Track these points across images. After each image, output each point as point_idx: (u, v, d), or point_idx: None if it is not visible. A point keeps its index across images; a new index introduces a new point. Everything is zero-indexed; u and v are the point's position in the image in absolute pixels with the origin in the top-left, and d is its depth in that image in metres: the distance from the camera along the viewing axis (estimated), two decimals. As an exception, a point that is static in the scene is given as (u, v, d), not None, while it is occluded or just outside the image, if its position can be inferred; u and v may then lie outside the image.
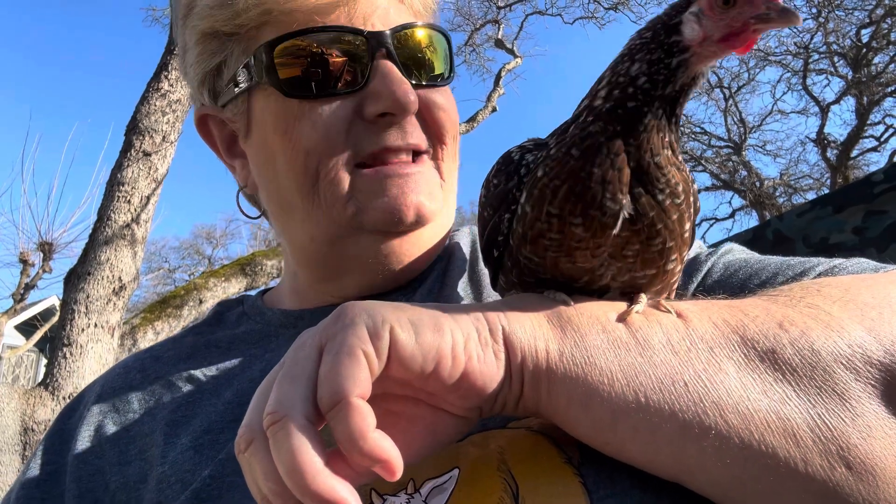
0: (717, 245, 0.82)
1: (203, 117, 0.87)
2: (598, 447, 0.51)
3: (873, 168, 19.60)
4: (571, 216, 0.50)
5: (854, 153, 19.22)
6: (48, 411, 4.72)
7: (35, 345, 12.91)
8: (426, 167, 0.77)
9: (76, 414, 0.81)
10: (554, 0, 14.32)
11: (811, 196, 20.97)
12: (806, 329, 0.50)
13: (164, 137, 5.87)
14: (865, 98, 18.51)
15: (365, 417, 0.41)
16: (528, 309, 0.52)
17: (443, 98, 0.78)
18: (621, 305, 0.54)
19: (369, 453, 0.41)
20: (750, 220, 21.72)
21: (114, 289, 5.37)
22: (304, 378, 0.44)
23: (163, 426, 0.73)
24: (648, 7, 12.50)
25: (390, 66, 0.72)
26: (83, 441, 0.76)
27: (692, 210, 0.56)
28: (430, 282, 0.81)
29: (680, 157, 0.53)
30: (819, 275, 0.65)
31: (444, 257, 0.86)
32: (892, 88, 18.35)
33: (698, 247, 0.81)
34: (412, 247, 0.78)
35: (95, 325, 5.08)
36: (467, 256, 0.86)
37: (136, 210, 5.64)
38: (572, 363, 0.49)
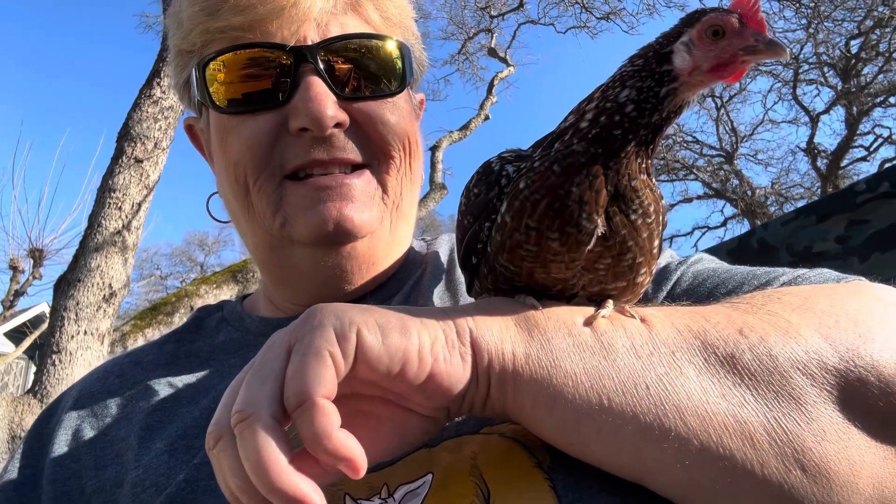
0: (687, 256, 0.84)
1: (189, 126, 0.91)
2: (563, 448, 0.52)
3: (863, 177, 19.75)
4: (549, 231, 0.52)
5: (844, 163, 19.37)
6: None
7: (24, 352, 12.82)
8: (362, 180, 0.76)
9: (54, 418, 0.82)
10: (546, 9, 14.41)
11: (801, 204, 21.10)
12: (765, 335, 0.51)
13: (155, 144, 5.86)
14: (855, 108, 18.68)
15: (329, 417, 0.42)
16: (496, 312, 0.53)
17: (388, 111, 0.78)
18: (589, 310, 0.55)
19: (333, 452, 0.42)
20: (742, 229, 21.83)
21: (104, 296, 5.35)
22: (272, 378, 0.45)
23: (137, 430, 0.74)
24: (640, 17, 12.60)
25: (312, 81, 0.73)
26: (60, 445, 0.77)
27: (661, 228, 0.57)
28: (407, 289, 0.82)
29: (653, 178, 0.55)
30: (783, 284, 0.66)
31: (421, 266, 0.87)
32: (882, 99, 18.52)
33: (669, 256, 0.82)
34: (350, 260, 0.78)
35: (85, 333, 5.05)
36: (445, 265, 0.87)
37: (127, 217, 5.62)
38: (538, 366, 0.50)
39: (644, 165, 0.53)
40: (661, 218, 0.56)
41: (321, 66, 0.74)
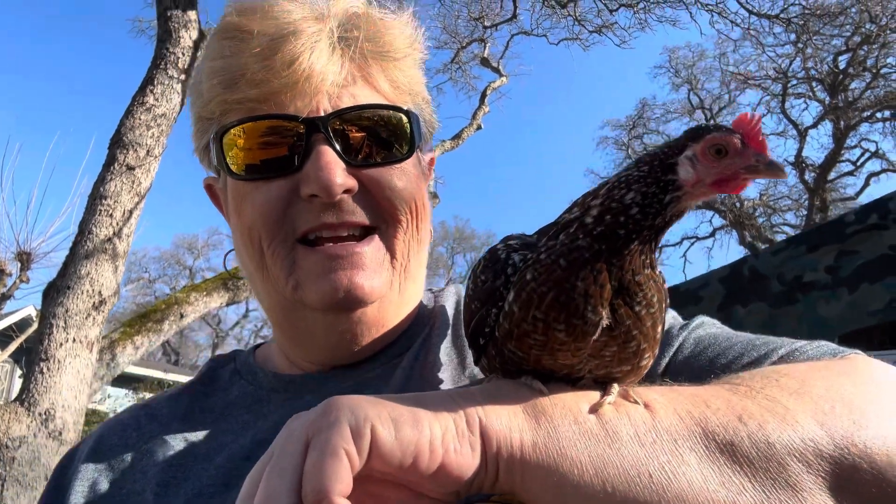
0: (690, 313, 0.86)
1: (209, 186, 0.94)
2: None
3: (850, 191, 19.94)
4: (556, 322, 0.54)
5: (831, 176, 19.59)
6: (23, 427, 4.65)
7: (10, 356, 12.69)
8: (371, 247, 0.79)
9: (71, 468, 0.84)
10: (539, 21, 14.50)
11: (790, 216, 21.27)
12: (763, 422, 0.53)
13: (148, 151, 5.83)
14: (842, 123, 18.90)
15: None
16: (504, 399, 0.56)
17: (395, 176, 0.81)
18: (594, 395, 0.57)
19: None
20: (730, 240, 21.98)
21: (93, 303, 5.31)
22: (290, 472, 0.47)
23: (153, 486, 0.76)
24: (632, 32, 12.71)
25: (323, 150, 0.76)
26: (77, 496, 0.79)
27: (664, 313, 0.60)
28: (416, 347, 0.85)
29: (656, 269, 0.57)
30: (780, 357, 0.69)
31: (429, 323, 0.89)
32: (869, 114, 18.76)
33: (671, 318, 0.84)
34: (360, 324, 0.81)
35: (74, 340, 5.02)
36: (451, 320, 0.89)
37: (118, 224, 5.59)
38: (545, 453, 0.52)
39: (648, 260, 0.55)
40: (664, 304, 0.59)
41: (332, 135, 0.76)
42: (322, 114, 0.77)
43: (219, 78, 0.79)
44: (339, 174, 0.75)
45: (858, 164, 19.84)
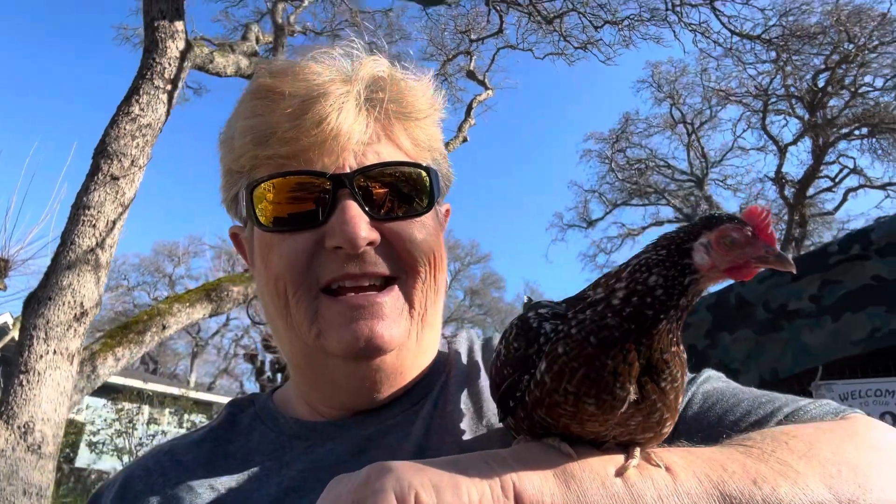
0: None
1: (234, 235, 0.98)
2: None
3: (829, 206, 20.29)
4: (586, 396, 0.57)
5: (810, 191, 19.92)
6: (1, 440, 4.58)
7: (-14, 363, 12.46)
8: (391, 297, 0.82)
9: None
10: (525, 35, 14.64)
11: (769, 232, 21.54)
12: (776, 486, 0.57)
13: (132, 162, 5.78)
14: (821, 139, 19.24)
15: None
16: (535, 464, 0.58)
17: (416, 230, 0.84)
18: (618, 458, 0.60)
19: None
20: (710, 253, 22.14)
21: (75, 314, 5.25)
22: None
23: None
24: (616, 49, 12.87)
25: (348, 205, 0.79)
26: None
27: (685, 384, 0.63)
28: (434, 396, 0.88)
29: (680, 345, 0.61)
30: (786, 416, 0.73)
31: (445, 370, 0.92)
32: (847, 131, 19.12)
33: None
34: (379, 372, 0.84)
35: (55, 352, 4.95)
36: (466, 367, 0.92)
37: (101, 235, 5.53)
38: None
39: (674, 338, 0.59)
40: (685, 377, 0.62)
41: (356, 190, 0.80)
42: (348, 170, 0.80)
43: (251, 135, 0.82)
44: (363, 227, 0.78)
45: (837, 179, 20.21)
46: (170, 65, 6.03)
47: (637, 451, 0.61)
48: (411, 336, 0.85)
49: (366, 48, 0.89)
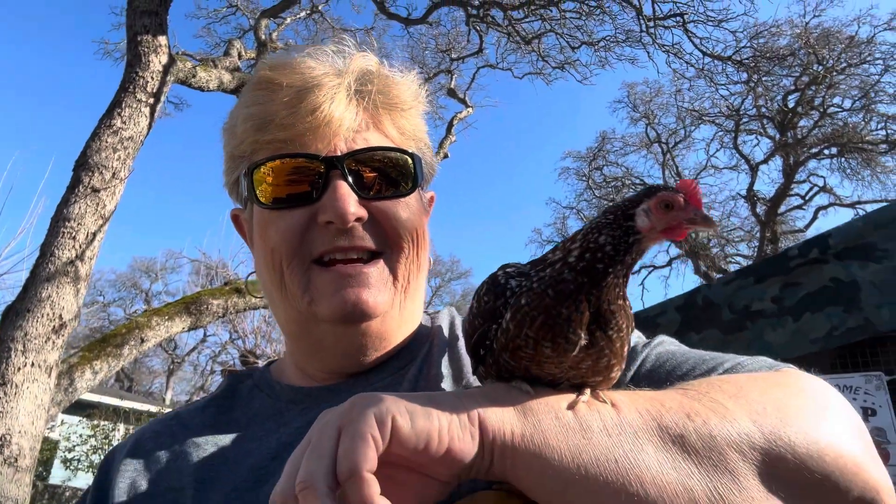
0: (655, 323, 0.98)
1: (235, 216, 1.06)
2: None
3: (799, 223, 20.74)
4: (543, 340, 0.65)
5: (781, 209, 20.34)
6: (-24, 454, 4.53)
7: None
8: (377, 268, 0.90)
9: (110, 473, 0.93)
10: (505, 55, 14.90)
11: (742, 247, 21.98)
12: (707, 419, 0.64)
13: (114, 174, 5.78)
14: (792, 158, 19.71)
15: (372, 487, 0.54)
16: (498, 399, 0.66)
17: (400, 209, 0.92)
18: (571, 396, 0.68)
19: None
20: (686, 268, 22.58)
21: (53, 327, 5.22)
22: (327, 455, 0.56)
23: (192, 482, 0.86)
24: (593, 69, 13.15)
25: (339, 184, 0.87)
26: (120, 493, 0.88)
27: (630, 335, 0.72)
28: (419, 361, 0.95)
29: (626, 299, 0.70)
30: (725, 370, 0.81)
31: (428, 339, 1.00)
32: (816, 150, 19.61)
33: (637, 337, 0.95)
34: (365, 336, 0.92)
35: (33, 365, 4.91)
36: (447, 338, 1.00)
37: (81, 247, 5.51)
38: (531, 442, 0.62)
39: (621, 293, 0.67)
40: (630, 328, 0.71)
41: (347, 172, 0.88)
42: (339, 154, 0.89)
43: (252, 122, 0.91)
44: (352, 204, 0.86)
45: (807, 198, 20.67)
46: (153, 78, 6.07)
47: (587, 390, 0.69)
48: (395, 305, 0.92)
49: (356, 46, 0.98)
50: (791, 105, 19.23)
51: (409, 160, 0.94)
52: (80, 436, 17.96)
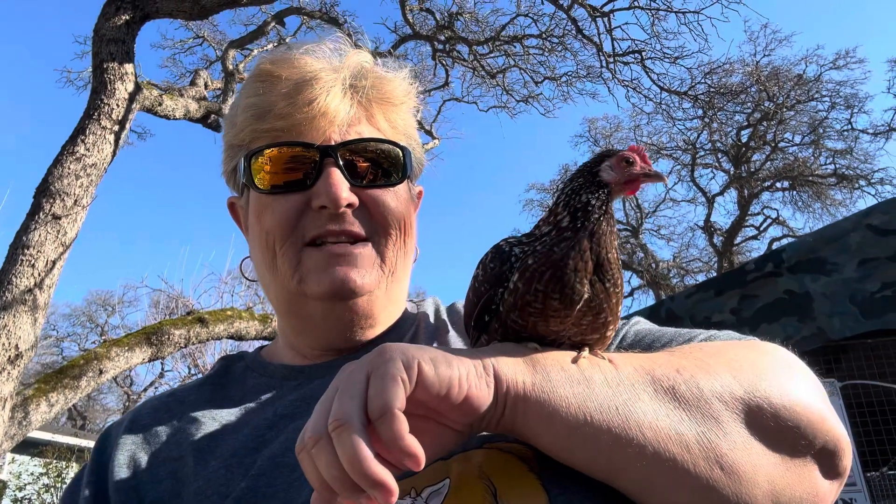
0: (627, 317, 1.05)
1: (231, 204, 1.09)
2: (556, 454, 0.69)
3: (755, 254, 21.37)
4: (552, 293, 0.71)
5: (737, 240, 20.96)
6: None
7: None
8: (366, 250, 0.94)
9: (108, 449, 0.94)
10: (470, 89, 15.22)
11: (701, 277, 22.49)
12: (694, 373, 0.71)
13: (76, 201, 5.69)
14: (746, 191, 20.40)
15: (403, 424, 0.57)
16: (510, 353, 0.71)
17: (390, 198, 0.96)
18: (572, 353, 0.74)
19: (406, 449, 0.57)
20: (647, 298, 22.96)
21: (9, 357, 5.06)
22: (358, 396, 0.60)
23: (191, 451, 0.88)
24: (556, 102, 13.53)
25: (332, 171, 0.91)
26: (120, 467, 0.89)
27: (621, 298, 0.78)
28: (407, 342, 0.96)
29: (618, 252, 0.77)
30: (701, 341, 0.88)
31: (414, 323, 1.05)
32: (769, 183, 20.35)
33: None
34: (352, 313, 0.95)
35: (-14, 396, 4.75)
36: (433, 323, 1.05)
37: (40, 275, 5.39)
38: (540, 391, 0.67)
39: (614, 241, 0.75)
40: (622, 291, 0.78)
41: (340, 160, 0.93)
42: (333, 143, 0.94)
43: (252, 111, 0.95)
44: (344, 190, 0.91)
45: (761, 229, 21.35)
46: (118, 106, 6.03)
47: (587, 348, 0.75)
48: (381, 286, 0.96)
49: (352, 44, 1.04)
50: (744, 140, 20.00)
51: (400, 152, 0.99)
52: (32, 474, 17.19)
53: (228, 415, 0.93)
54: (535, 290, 0.71)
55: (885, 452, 3.61)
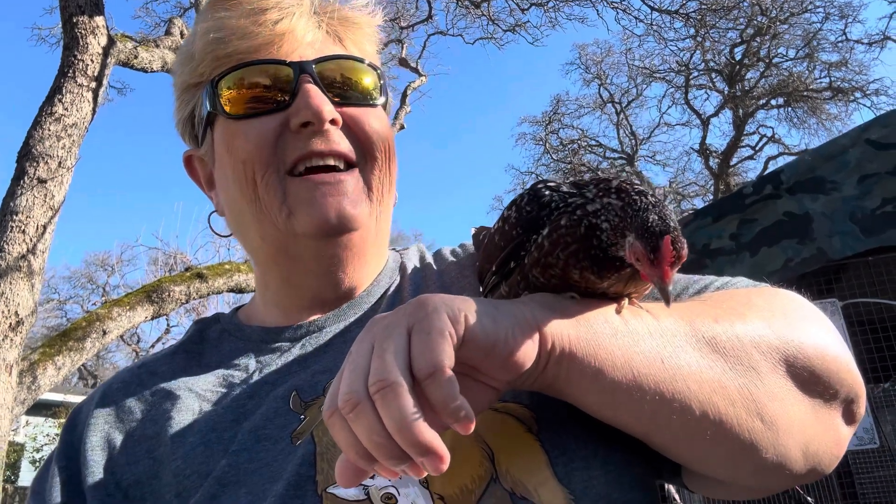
0: None
1: (188, 158, 0.99)
2: (597, 412, 0.66)
3: (751, 174, 21.28)
4: (573, 267, 0.66)
5: (733, 161, 20.83)
6: (-59, 459, 4.41)
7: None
8: (353, 177, 0.87)
9: (78, 428, 0.88)
10: (455, 21, 14.76)
11: (698, 201, 22.47)
12: (731, 323, 0.68)
13: (59, 163, 5.58)
14: (741, 111, 20.13)
15: (456, 384, 0.52)
16: (551, 305, 0.66)
17: (372, 117, 0.90)
18: (613, 304, 0.69)
19: (457, 411, 0.51)
20: (645, 227, 22.88)
21: (10, 324, 5.07)
22: (402, 353, 0.53)
23: (167, 428, 0.82)
24: (544, 30, 13.14)
25: (311, 87, 0.84)
26: (93, 449, 0.83)
27: None
28: (391, 296, 0.93)
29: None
30: (717, 288, 0.84)
31: (400, 271, 0.98)
32: (764, 101, 20.06)
33: None
34: (346, 250, 0.88)
35: (-9, 364, 4.78)
36: (419, 271, 0.98)
37: (32, 240, 5.33)
38: (586, 345, 0.62)
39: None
40: None
41: (317, 76, 0.86)
42: (308, 60, 0.87)
43: (212, 35, 0.87)
44: (327, 103, 0.84)
45: (757, 148, 21.17)
46: (92, 61, 5.84)
47: (625, 300, 0.69)
48: (371, 218, 0.89)
49: None
50: (738, 57, 19.57)
51: (376, 73, 0.93)
52: (47, 434, 17.57)
53: (205, 384, 0.87)
54: (557, 255, 0.66)
55: (886, 369, 3.65)
